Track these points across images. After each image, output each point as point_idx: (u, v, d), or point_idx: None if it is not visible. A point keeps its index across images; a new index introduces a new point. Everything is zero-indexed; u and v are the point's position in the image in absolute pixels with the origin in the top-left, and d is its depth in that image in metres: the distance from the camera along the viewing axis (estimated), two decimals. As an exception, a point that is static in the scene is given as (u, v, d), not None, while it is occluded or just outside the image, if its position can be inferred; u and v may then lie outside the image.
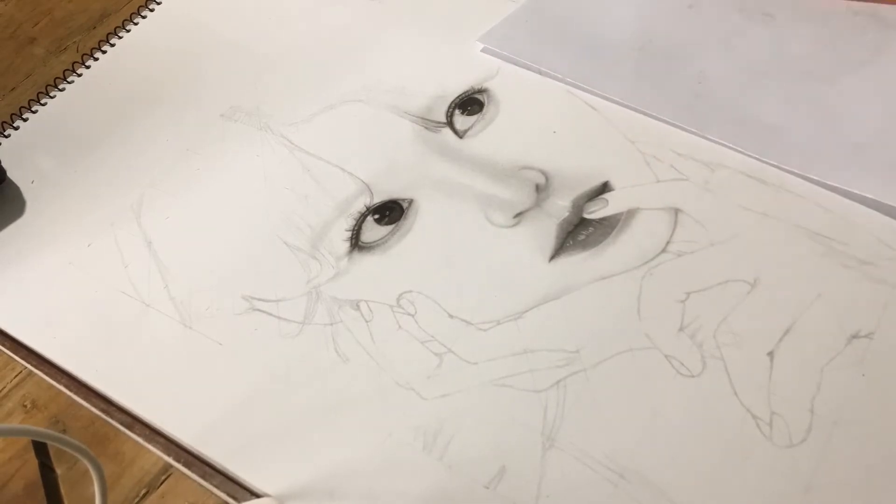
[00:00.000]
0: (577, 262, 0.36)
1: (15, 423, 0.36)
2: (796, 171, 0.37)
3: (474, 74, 0.44)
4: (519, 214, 0.38)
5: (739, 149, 0.38)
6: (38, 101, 0.48)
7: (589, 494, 0.30)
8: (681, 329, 0.34)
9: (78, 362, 0.36)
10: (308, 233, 0.39)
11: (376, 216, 0.39)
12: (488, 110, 0.42)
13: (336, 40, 0.47)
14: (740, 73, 0.41)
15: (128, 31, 0.51)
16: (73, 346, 0.37)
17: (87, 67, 0.49)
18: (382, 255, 0.38)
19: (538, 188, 0.39)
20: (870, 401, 0.31)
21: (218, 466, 0.33)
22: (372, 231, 0.39)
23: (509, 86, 0.43)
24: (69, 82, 0.48)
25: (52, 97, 0.48)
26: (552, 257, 0.37)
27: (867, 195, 0.36)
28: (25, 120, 0.47)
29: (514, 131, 0.41)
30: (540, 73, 0.43)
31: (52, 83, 0.48)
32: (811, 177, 0.37)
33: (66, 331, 0.38)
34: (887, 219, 0.35)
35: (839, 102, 0.39)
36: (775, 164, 0.38)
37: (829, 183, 0.36)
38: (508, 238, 0.37)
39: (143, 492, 0.34)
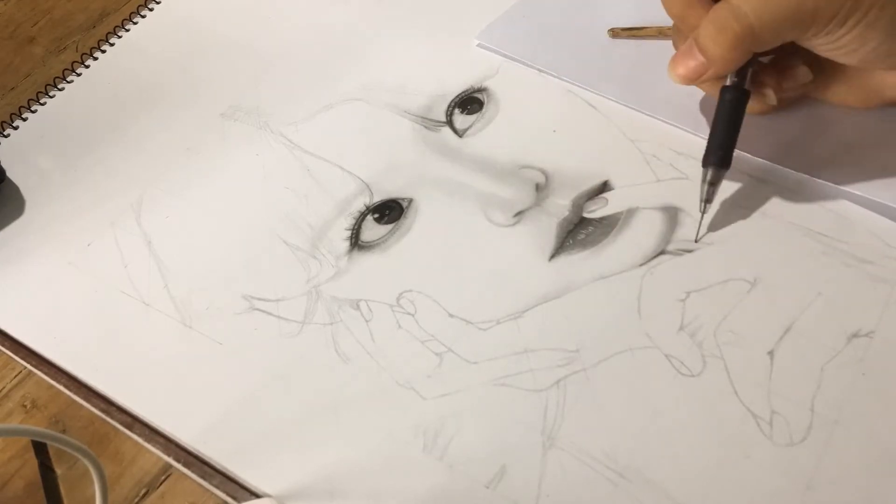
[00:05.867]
0: (577, 262, 0.36)
1: (15, 423, 0.36)
2: (795, 170, 0.37)
3: (474, 73, 0.44)
4: (519, 213, 0.38)
5: (739, 148, 0.38)
6: (37, 101, 0.47)
7: (589, 493, 0.30)
8: (681, 328, 0.34)
9: (78, 362, 0.36)
10: (308, 232, 0.39)
11: (376, 215, 0.39)
12: (488, 109, 0.42)
13: (336, 39, 0.47)
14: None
15: (127, 30, 0.51)
16: (73, 346, 0.37)
17: (87, 67, 0.49)
18: (382, 254, 0.38)
19: (538, 187, 0.39)
20: (870, 399, 0.31)
21: (218, 466, 0.33)
22: (372, 230, 0.39)
23: (509, 84, 0.43)
24: (69, 82, 0.48)
25: (51, 97, 0.48)
26: (552, 256, 0.37)
27: (864, 195, 0.36)
28: (25, 120, 0.47)
29: (513, 130, 0.41)
30: (538, 70, 0.43)
31: (52, 83, 0.48)
32: (811, 176, 0.37)
33: (66, 331, 0.38)
34: (887, 217, 0.35)
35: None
36: (774, 163, 0.38)
37: (828, 183, 0.36)
38: (508, 237, 0.37)
39: (143, 492, 0.34)
